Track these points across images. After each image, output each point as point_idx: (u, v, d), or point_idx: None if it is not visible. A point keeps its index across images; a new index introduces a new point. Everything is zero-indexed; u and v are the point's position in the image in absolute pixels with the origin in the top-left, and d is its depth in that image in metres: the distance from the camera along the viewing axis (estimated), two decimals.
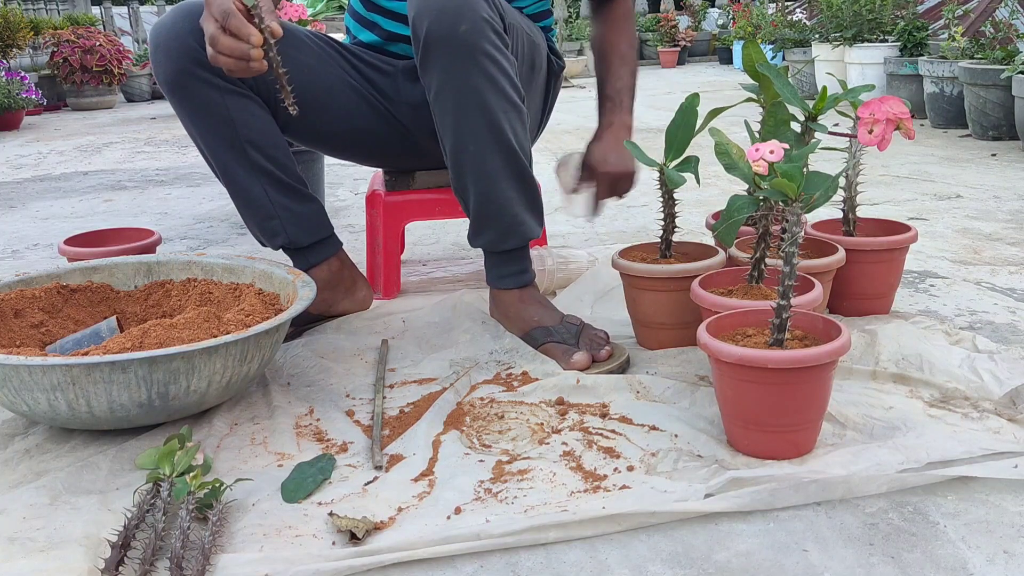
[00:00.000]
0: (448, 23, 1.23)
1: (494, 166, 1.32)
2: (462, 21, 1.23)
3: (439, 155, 1.63)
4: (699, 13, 9.78)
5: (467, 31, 1.24)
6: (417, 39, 1.26)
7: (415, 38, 1.27)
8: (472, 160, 1.32)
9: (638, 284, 1.36)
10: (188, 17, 1.35)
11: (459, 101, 1.28)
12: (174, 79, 1.35)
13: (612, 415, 1.16)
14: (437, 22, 1.23)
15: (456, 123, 1.30)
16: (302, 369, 1.35)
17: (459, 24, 1.23)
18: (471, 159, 1.32)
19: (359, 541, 0.89)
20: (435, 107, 1.31)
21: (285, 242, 1.47)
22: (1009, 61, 3.29)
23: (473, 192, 1.35)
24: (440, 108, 1.30)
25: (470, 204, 1.37)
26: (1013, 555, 0.86)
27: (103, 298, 1.39)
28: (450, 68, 1.25)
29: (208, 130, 1.39)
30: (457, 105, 1.28)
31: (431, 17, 1.24)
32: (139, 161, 3.80)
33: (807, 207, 1.04)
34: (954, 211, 2.26)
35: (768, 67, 1.27)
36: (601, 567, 0.87)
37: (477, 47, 1.25)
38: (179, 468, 0.99)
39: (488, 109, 1.28)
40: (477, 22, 1.24)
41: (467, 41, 1.24)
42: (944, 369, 1.24)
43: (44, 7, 7.69)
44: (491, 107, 1.28)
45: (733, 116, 1.61)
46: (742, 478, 0.97)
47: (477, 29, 1.24)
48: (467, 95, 1.27)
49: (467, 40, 1.24)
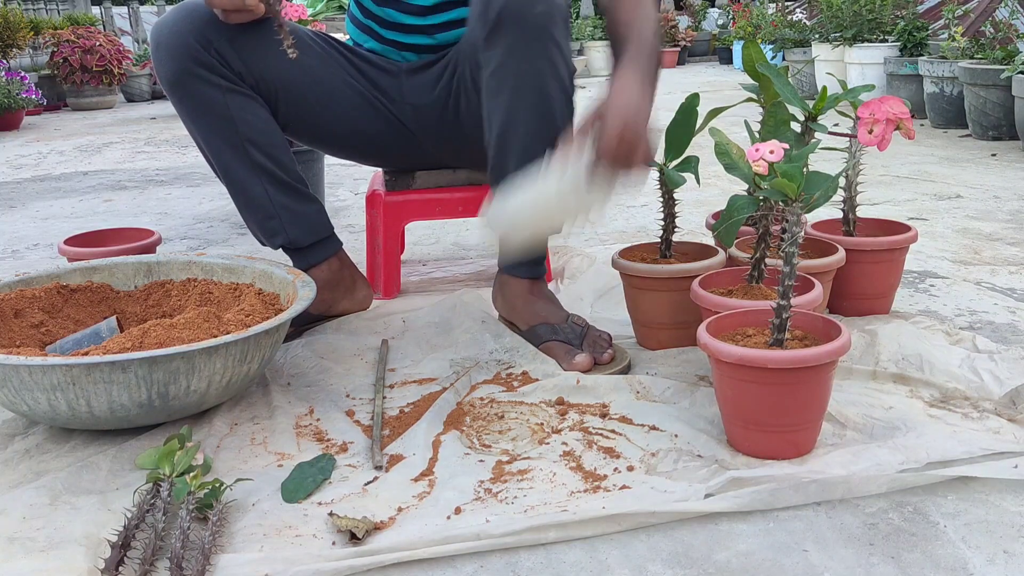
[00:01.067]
0: (526, 2, 1.22)
1: (539, 152, 1.27)
2: (539, 2, 1.23)
3: (440, 156, 1.63)
4: (699, 13, 9.78)
5: (542, 13, 1.23)
6: (487, 12, 1.24)
7: (484, 10, 1.25)
8: (521, 142, 1.30)
9: (638, 284, 1.36)
10: (189, 16, 1.35)
11: (519, 82, 1.26)
12: (175, 78, 1.35)
13: (612, 415, 1.16)
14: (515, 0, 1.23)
15: (511, 102, 1.28)
16: (302, 369, 1.35)
17: (536, 5, 1.23)
18: (520, 140, 1.30)
19: (359, 541, 0.89)
20: (489, 81, 1.29)
21: (285, 242, 1.47)
22: (1009, 61, 3.29)
23: (514, 173, 1.30)
24: (496, 84, 1.28)
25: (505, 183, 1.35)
26: (1013, 555, 0.86)
27: (103, 298, 1.39)
28: (517, 47, 1.24)
29: (209, 129, 1.40)
30: (517, 85, 1.27)
31: None
32: (139, 161, 3.80)
33: (807, 207, 1.04)
34: (954, 211, 2.26)
35: (768, 67, 1.27)
36: (601, 567, 0.87)
37: (547, 31, 1.24)
38: (179, 468, 0.99)
39: (545, 94, 1.28)
40: (553, 5, 1.24)
41: (540, 24, 1.23)
42: (944, 369, 1.24)
43: (44, 7, 7.69)
44: (549, 93, 1.28)
45: (733, 116, 1.61)
46: (742, 478, 0.97)
47: (551, 13, 1.24)
48: (529, 77, 1.26)
49: (540, 23, 1.23)
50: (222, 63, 1.37)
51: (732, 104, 1.38)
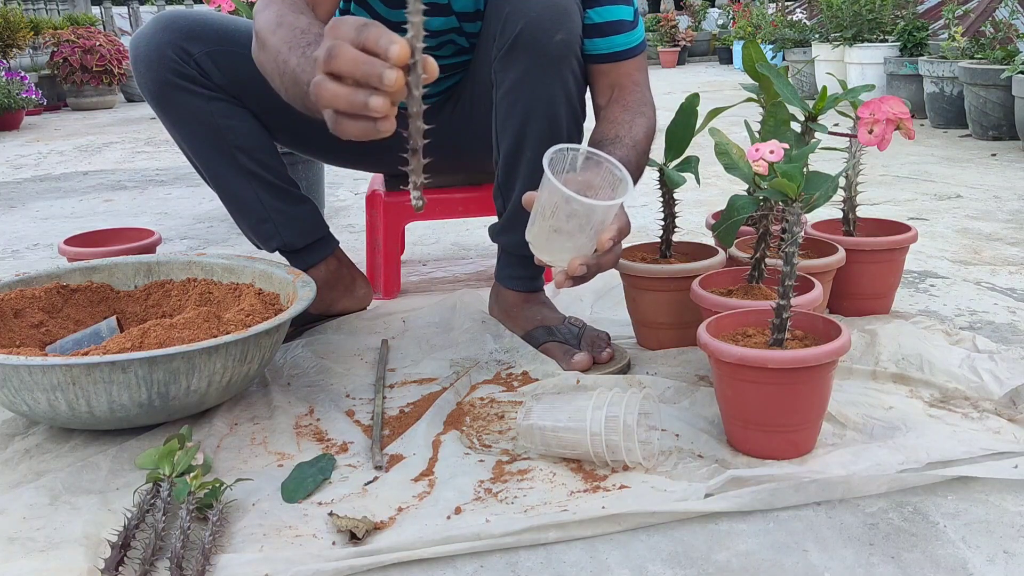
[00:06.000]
0: (545, 28, 1.20)
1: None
2: (560, 30, 1.21)
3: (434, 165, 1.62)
4: (699, 13, 9.77)
5: (562, 41, 1.21)
6: (507, 34, 1.23)
7: (503, 31, 1.23)
8: (528, 166, 1.29)
9: (638, 284, 1.36)
10: (167, 28, 1.34)
11: (531, 105, 1.25)
12: (156, 89, 1.34)
13: None
14: (534, 24, 1.20)
15: (521, 125, 1.27)
16: (302, 369, 1.35)
17: (556, 32, 1.21)
18: (527, 164, 1.29)
19: (359, 541, 0.89)
20: (501, 102, 1.28)
21: (280, 245, 1.46)
22: (1009, 61, 3.29)
23: (518, 195, 1.31)
24: (507, 105, 1.27)
25: (509, 204, 1.35)
26: (1013, 555, 0.86)
27: (103, 298, 1.39)
28: (533, 71, 1.23)
29: (196, 138, 1.39)
30: (528, 108, 1.25)
31: (528, 18, 1.20)
32: (139, 161, 3.80)
33: (807, 207, 1.04)
34: (954, 211, 2.26)
35: (768, 67, 1.27)
36: (601, 567, 0.87)
37: (565, 59, 1.23)
38: (179, 468, 0.99)
39: (556, 121, 1.26)
40: (573, 34, 1.23)
41: (559, 52, 1.22)
42: (944, 369, 1.24)
43: (44, 7, 7.69)
44: (560, 120, 1.27)
45: (733, 116, 1.61)
46: (742, 478, 0.97)
47: (570, 42, 1.22)
48: (541, 102, 1.25)
49: (559, 51, 1.22)
50: (202, 75, 1.35)
51: (732, 104, 1.38)
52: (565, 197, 0.93)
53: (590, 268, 0.98)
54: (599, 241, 0.96)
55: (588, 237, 0.97)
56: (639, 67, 1.33)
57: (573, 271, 0.97)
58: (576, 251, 0.97)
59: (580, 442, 1.01)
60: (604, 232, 0.97)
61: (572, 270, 0.97)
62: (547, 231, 0.97)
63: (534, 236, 0.99)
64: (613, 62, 1.30)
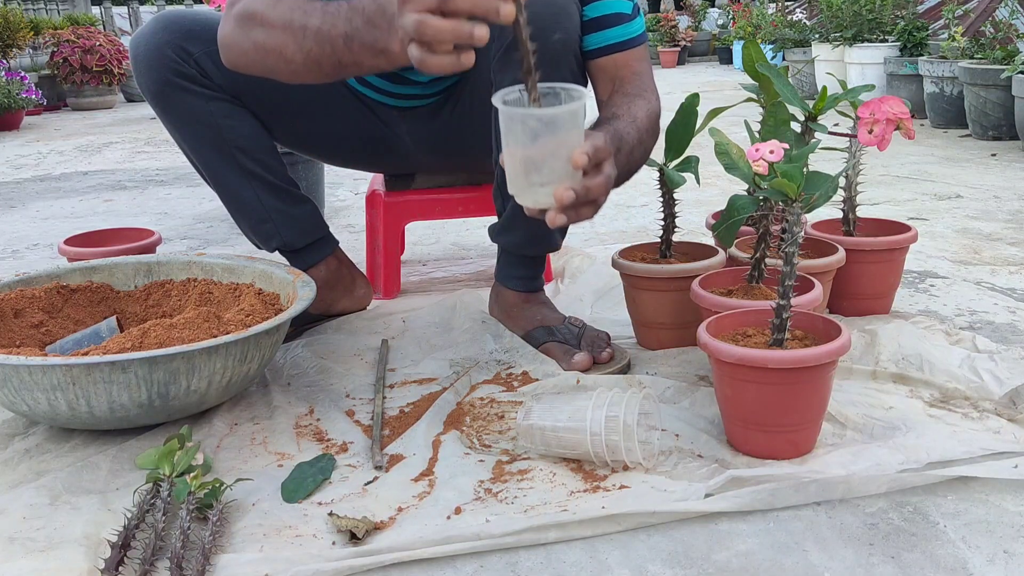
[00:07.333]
0: (543, 28, 1.16)
1: None
2: (558, 29, 1.19)
3: (434, 165, 1.62)
4: (699, 13, 9.78)
5: (560, 40, 1.20)
6: (506, 34, 1.20)
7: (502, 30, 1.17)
8: None
9: (638, 284, 1.36)
10: (167, 28, 1.34)
11: None
12: (156, 89, 1.34)
13: None
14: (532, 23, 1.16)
15: None
16: (302, 369, 1.35)
17: (554, 32, 1.19)
18: None
19: (359, 541, 0.89)
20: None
21: (280, 245, 1.46)
22: (1009, 61, 3.29)
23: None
24: None
25: (509, 204, 1.34)
26: (1013, 555, 0.86)
27: (103, 298, 1.39)
28: None
29: (195, 138, 1.39)
30: None
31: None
32: (139, 161, 3.80)
33: (807, 207, 1.04)
34: (954, 211, 2.26)
35: (768, 67, 1.27)
36: (601, 567, 0.87)
37: (563, 59, 1.21)
38: (179, 468, 0.99)
39: None
40: (571, 33, 1.21)
41: (556, 51, 1.20)
42: (944, 369, 1.24)
43: (44, 7, 7.70)
44: None
45: (733, 116, 1.61)
46: (742, 478, 0.97)
47: (568, 41, 1.21)
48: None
49: (557, 50, 1.20)
50: (202, 74, 1.35)
51: (732, 104, 1.38)
52: (521, 118, 0.90)
53: (578, 193, 0.92)
54: (574, 160, 0.90)
55: (562, 160, 0.91)
56: (639, 57, 1.30)
57: (560, 198, 0.90)
58: (557, 181, 0.92)
59: (580, 442, 1.01)
60: (577, 151, 0.91)
61: (559, 197, 0.90)
62: (521, 169, 0.93)
63: (512, 181, 0.94)
64: (612, 54, 1.27)
